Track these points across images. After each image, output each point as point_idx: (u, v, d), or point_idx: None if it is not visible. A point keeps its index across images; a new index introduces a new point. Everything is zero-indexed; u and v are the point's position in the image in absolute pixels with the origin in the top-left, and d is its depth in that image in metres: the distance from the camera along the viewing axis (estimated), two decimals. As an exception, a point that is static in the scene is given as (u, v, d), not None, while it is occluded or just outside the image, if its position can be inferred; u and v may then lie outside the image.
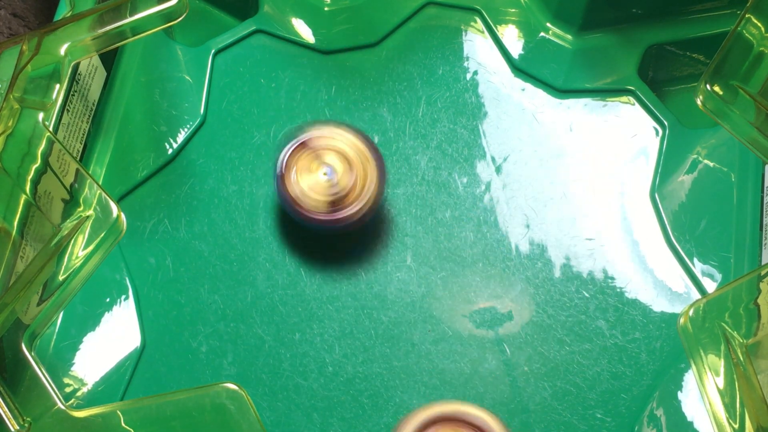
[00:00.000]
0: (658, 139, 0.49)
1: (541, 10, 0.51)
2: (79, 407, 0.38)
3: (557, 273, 0.47)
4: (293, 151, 0.45)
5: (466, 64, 0.51)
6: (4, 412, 0.37)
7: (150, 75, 0.51)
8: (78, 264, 0.39)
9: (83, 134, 0.48)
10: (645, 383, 0.44)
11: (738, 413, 0.35)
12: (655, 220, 0.47)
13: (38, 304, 0.39)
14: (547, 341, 0.45)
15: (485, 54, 0.51)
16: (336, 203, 0.45)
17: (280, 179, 0.45)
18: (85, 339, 0.46)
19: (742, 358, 0.36)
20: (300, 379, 0.45)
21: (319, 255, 0.48)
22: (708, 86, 0.40)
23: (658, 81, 0.51)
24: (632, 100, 0.50)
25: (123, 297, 0.47)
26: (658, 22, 0.51)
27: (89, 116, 0.48)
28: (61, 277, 0.39)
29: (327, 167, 0.45)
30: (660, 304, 0.46)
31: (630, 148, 0.49)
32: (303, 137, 0.46)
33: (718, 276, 0.46)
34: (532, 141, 0.49)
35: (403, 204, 0.48)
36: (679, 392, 0.43)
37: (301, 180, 0.45)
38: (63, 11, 0.45)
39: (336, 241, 0.48)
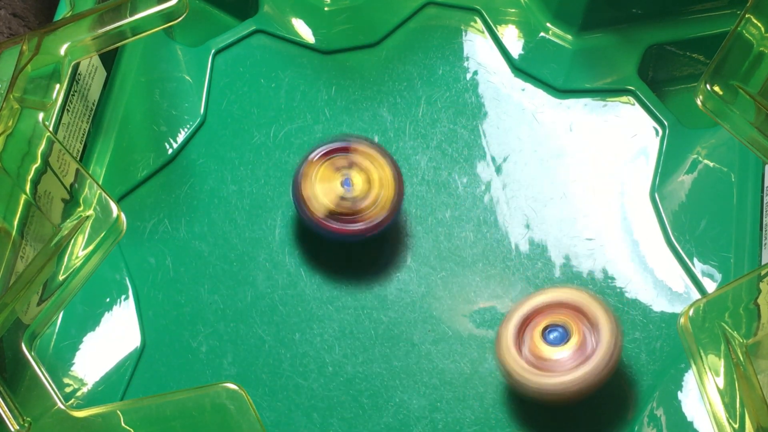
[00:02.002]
0: (658, 139, 0.49)
1: (541, 10, 0.51)
2: (79, 407, 0.38)
3: (557, 273, 0.47)
4: (324, 154, 0.46)
5: (466, 64, 0.51)
6: (4, 412, 0.37)
7: (150, 75, 0.51)
8: (78, 264, 0.39)
9: (83, 134, 0.48)
10: (645, 383, 0.44)
11: (738, 413, 0.35)
12: (655, 220, 0.47)
13: (38, 304, 0.39)
14: (547, 341, 0.45)
15: (485, 54, 0.51)
16: (344, 215, 0.45)
17: (299, 177, 0.45)
18: (85, 339, 0.46)
19: (742, 358, 0.36)
20: (300, 379, 0.45)
21: (319, 255, 0.48)
22: (708, 86, 0.40)
23: (658, 81, 0.51)
24: (632, 100, 0.50)
25: (123, 297, 0.47)
26: (658, 22, 0.51)
27: (89, 116, 0.48)
28: (61, 277, 0.39)
29: (346, 179, 0.45)
30: (660, 304, 0.46)
31: (630, 148, 0.49)
32: (342, 144, 0.46)
33: (718, 276, 0.46)
34: (532, 141, 0.49)
35: (403, 204, 0.48)
36: (679, 392, 0.43)
37: (317, 183, 0.45)
38: (63, 11, 0.45)
39: (336, 243, 0.48)
